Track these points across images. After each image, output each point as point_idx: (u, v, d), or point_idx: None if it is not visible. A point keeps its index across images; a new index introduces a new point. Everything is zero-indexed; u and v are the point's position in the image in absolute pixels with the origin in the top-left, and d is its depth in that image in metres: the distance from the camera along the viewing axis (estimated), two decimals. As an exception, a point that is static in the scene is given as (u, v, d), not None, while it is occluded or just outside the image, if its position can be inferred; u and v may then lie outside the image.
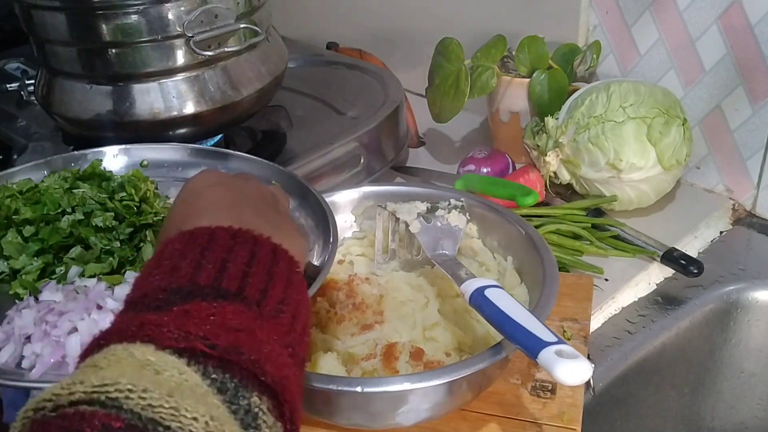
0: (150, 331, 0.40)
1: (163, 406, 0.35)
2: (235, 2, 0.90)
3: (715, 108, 1.03)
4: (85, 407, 0.35)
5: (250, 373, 0.41)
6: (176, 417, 0.35)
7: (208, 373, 0.39)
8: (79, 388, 0.36)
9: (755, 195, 1.05)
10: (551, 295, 0.69)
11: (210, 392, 0.39)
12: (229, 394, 0.39)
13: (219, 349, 0.40)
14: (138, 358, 0.38)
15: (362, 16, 1.41)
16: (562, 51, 1.11)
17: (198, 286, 0.44)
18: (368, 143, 1.03)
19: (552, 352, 0.56)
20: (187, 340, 0.40)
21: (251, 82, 0.96)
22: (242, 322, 0.42)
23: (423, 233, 0.80)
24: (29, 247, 0.71)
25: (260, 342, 0.42)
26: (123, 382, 0.36)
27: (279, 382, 0.42)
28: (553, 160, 1.01)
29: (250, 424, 0.39)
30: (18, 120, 1.10)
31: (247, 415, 0.39)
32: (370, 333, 0.73)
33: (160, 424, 0.35)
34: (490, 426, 0.71)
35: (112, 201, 0.75)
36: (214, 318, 0.42)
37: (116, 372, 0.37)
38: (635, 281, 0.93)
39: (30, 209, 0.73)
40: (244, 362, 0.40)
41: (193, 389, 0.38)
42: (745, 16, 0.96)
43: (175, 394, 0.36)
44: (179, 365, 0.39)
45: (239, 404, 0.39)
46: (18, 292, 0.70)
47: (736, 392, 0.98)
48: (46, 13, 0.88)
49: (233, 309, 0.43)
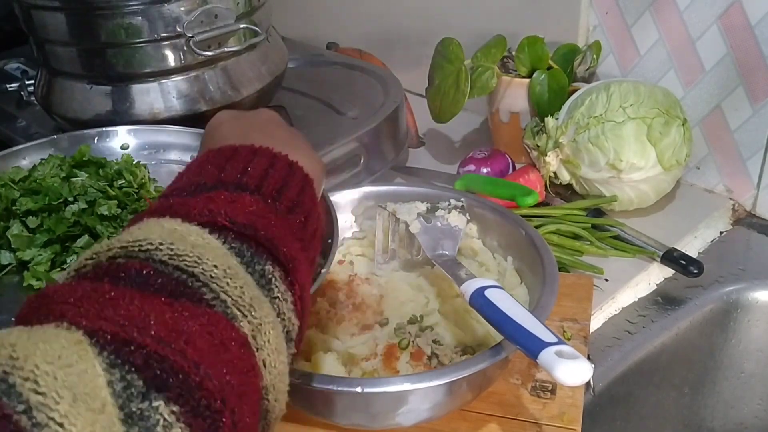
0: (177, 209, 0.45)
1: (188, 255, 0.40)
2: (235, 2, 0.90)
3: (715, 108, 1.03)
4: (121, 260, 0.40)
5: (264, 249, 0.45)
6: (199, 264, 0.40)
7: (228, 241, 0.44)
8: (116, 245, 0.40)
9: (755, 195, 1.05)
10: (551, 296, 0.69)
11: (229, 254, 0.43)
12: (245, 258, 0.43)
13: (238, 225, 0.44)
14: (167, 227, 0.43)
15: (362, 16, 1.41)
16: (562, 51, 1.11)
17: (221, 181, 0.48)
18: (368, 143, 1.03)
19: (552, 353, 0.56)
20: (210, 215, 0.44)
21: (251, 82, 0.96)
22: (259, 210, 0.46)
23: (423, 233, 0.80)
24: (37, 239, 0.71)
25: (274, 226, 0.46)
26: (153, 238, 0.41)
27: (290, 260, 0.46)
28: (553, 160, 1.01)
29: (263, 286, 0.43)
30: (18, 120, 1.10)
31: (262, 278, 0.44)
32: (370, 333, 0.73)
33: (184, 270, 0.40)
34: (490, 426, 0.71)
35: (112, 188, 0.75)
36: (234, 203, 0.46)
37: (148, 233, 0.41)
38: (635, 281, 0.93)
39: (30, 199, 0.72)
40: (260, 238, 0.44)
41: (214, 249, 0.42)
42: (745, 16, 0.96)
43: (199, 248, 0.41)
44: (202, 233, 0.43)
45: (254, 268, 0.44)
46: (32, 284, 0.70)
47: (736, 392, 0.98)
48: (46, 13, 0.88)
49: (252, 199, 0.47)
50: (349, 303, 0.76)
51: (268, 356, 0.41)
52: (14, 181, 0.76)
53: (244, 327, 0.40)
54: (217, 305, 0.39)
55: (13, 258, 0.72)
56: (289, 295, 0.45)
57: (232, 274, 0.41)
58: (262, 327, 0.41)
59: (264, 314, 0.42)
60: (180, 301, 0.38)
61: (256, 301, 0.42)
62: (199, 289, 0.39)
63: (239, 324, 0.40)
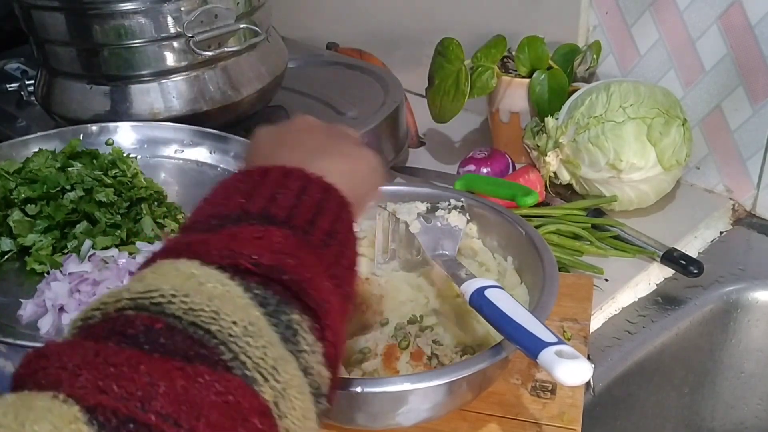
0: (196, 248, 0.41)
1: (203, 309, 0.36)
2: (235, 2, 0.90)
3: (715, 108, 1.03)
4: (130, 312, 0.36)
5: (292, 293, 0.41)
6: (216, 320, 0.36)
7: (251, 288, 0.40)
8: (125, 296, 0.37)
9: (755, 195, 1.05)
10: (551, 296, 0.69)
11: (251, 304, 0.39)
12: (270, 308, 0.39)
13: (263, 267, 0.40)
14: (182, 270, 0.39)
15: (362, 16, 1.41)
16: (562, 51, 1.11)
17: (247, 212, 0.44)
18: (368, 143, 1.02)
19: (552, 353, 0.56)
20: (232, 257, 0.40)
21: (251, 82, 0.96)
22: (288, 246, 0.42)
23: (423, 233, 0.80)
24: (38, 224, 0.73)
25: (304, 266, 0.42)
26: (166, 288, 0.37)
27: (321, 305, 0.42)
28: (553, 160, 1.01)
29: (289, 339, 0.39)
30: (18, 120, 1.10)
31: (287, 330, 0.39)
32: (370, 333, 0.73)
33: (200, 327, 0.36)
34: (490, 426, 0.71)
35: (107, 177, 0.77)
36: (260, 240, 0.42)
37: (160, 281, 0.38)
38: (635, 281, 0.93)
39: (28, 188, 0.74)
40: (286, 282, 0.41)
41: (235, 299, 0.38)
42: (745, 16, 0.96)
43: (216, 300, 0.37)
44: (222, 278, 0.39)
45: (280, 319, 0.39)
46: (34, 268, 0.72)
47: (736, 392, 0.98)
48: (45, 14, 0.88)
49: (280, 234, 0.43)
50: (349, 303, 0.76)
51: (292, 424, 0.37)
52: (8, 172, 0.77)
53: (265, 393, 0.36)
54: (236, 367, 0.36)
55: (14, 244, 0.73)
56: (318, 346, 0.41)
57: (253, 332, 0.37)
58: (287, 392, 0.37)
59: (289, 377, 0.38)
60: (194, 365, 0.34)
61: (281, 363, 0.38)
62: (217, 348, 0.36)
63: (260, 389, 0.36)
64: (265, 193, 0.45)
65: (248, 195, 0.45)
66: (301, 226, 0.44)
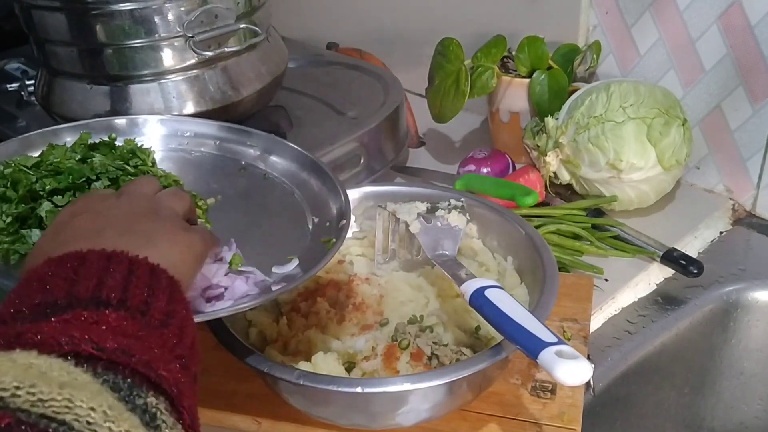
0: (29, 338, 0.37)
1: (55, 399, 0.33)
2: (235, 2, 0.90)
3: (715, 108, 1.03)
4: None
5: (142, 376, 0.38)
6: (71, 409, 0.33)
7: (99, 374, 0.36)
8: None
9: (755, 195, 1.05)
10: (551, 296, 0.69)
11: (104, 389, 0.36)
12: (123, 393, 0.36)
13: (107, 351, 0.37)
14: (20, 362, 0.35)
15: (362, 16, 1.41)
16: (562, 51, 1.11)
17: (76, 298, 0.41)
18: (368, 143, 1.03)
19: (552, 353, 0.56)
20: (71, 343, 0.37)
21: (251, 82, 0.96)
22: (128, 328, 0.40)
23: (423, 233, 0.80)
24: None
25: (149, 347, 0.40)
26: (7, 381, 0.33)
27: (174, 385, 0.39)
28: (553, 160, 1.01)
29: (149, 423, 0.36)
30: (18, 120, 1.10)
31: (145, 415, 0.36)
32: (370, 333, 0.73)
33: (53, 419, 0.32)
34: (490, 426, 0.71)
35: (129, 167, 0.77)
36: (98, 324, 0.39)
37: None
38: (635, 281, 0.93)
39: (53, 179, 0.74)
40: (135, 364, 0.38)
41: (86, 385, 0.35)
42: (745, 16, 0.96)
43: (67, 388, 0.33)
44: (66, 366, 0.36)
45: (135, 404, 0.36)
46: None
47: (736, 392, 0.98)
48: (46, 13, 0.88)
49: (117, 317, 0.40)
50: (349, 303, 0.76)
51: None
52: (27, 166, 0.77)
53: None
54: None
55: None
56: (178, 428, 0.38)
57: (114, 417, 0.34)
58: None
59: None
60: None
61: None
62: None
63: None
64: (91, 277, 0.42)
65: (72, 281, 0.42)
66: (137, 307, 0.42)
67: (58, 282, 0.42)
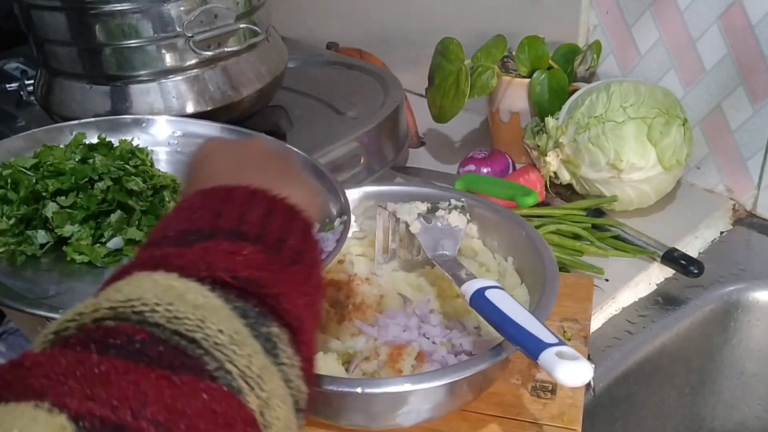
0: (173, 261, 0.40)
1: (188, 318, 0.36)
2: (235, 2, 0.90)
3: (716, 108, 1.03)
4: (109, 322, 0.35)
5: (269, 307, 0.40)
6: (201, 328, 0.36)
7: (230, 300, 0.39)
8: (104, 305, 0.36)
9: (756, 195, 1.04)
10: (552, 296, 0.69)
11: (233, 315, 0.38)
12: (250, 320, 0.39)
13: (240, 280, 0.40)
14: (161, 282, 0.38)
15: (362, 16, 1.41)
16: (562, 51, 1.11)
17: (218, 228, 0.44)
18: (368, 143, 1.03)
19: (553, 354, 0.56)
20: (210, 270, 0.40)
21: (251, 82, 0.96)
22: (261, 262, 0.42)
23: (423, 233, 0.80)
24: (76, 214, 0.73)
25: (279, 281, 0.42)
26: (148, 297, 0.36)
27: (296, 320, 0.41)
28: (554, 160, 1.01)
29: (270, 351, 0.39)
30: (18, 120, 1.10)
31: (268, 342, 0.39)
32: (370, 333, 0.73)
33: (184, 336, 0.35)
34: (490, 426, 0.71)
35: (130, 167, 0.77)
36: (235, 255, 0.42)
37: (140, 291, 0.37)
38: (635, 281, 0.93)
39: (56, 180, 0.74)
40: (263, 296, 0.40)
41: (217, 310, 0.38)
42: (746, 16, 0.96)
43: (201, 310, 0.37)
44: (202, 290, 0.39)
45: (260, 331, 0.39)
46: (74, 259, 0.72)
47: (736, 392, 0.98)
48: (45, 13, 0.88)
49: (253, 250, 0.43)
50: (349, 303, 0.76)
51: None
52: (25, 168, 0.77)
53: (251, 402, 0.36)
54: (222, 377, 0.35)
55: (50, 236, 0.74)
56: (296, 359, 0.41)
57: (239, 341, 0.37)
58: (271, 401, 0.37)
59: (273, 386, 0.38)
60: (180, 375, 0.34)
61: (265, 372, 0.38)
62: (202, 358, 0.35)
63: (246, 399, 0.36)
64: (234, 211, 0.45)
65: (217, 213, 0.45)
66: (271, 243, 0.44)
67: (204, 213, 0.45)
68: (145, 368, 0.33)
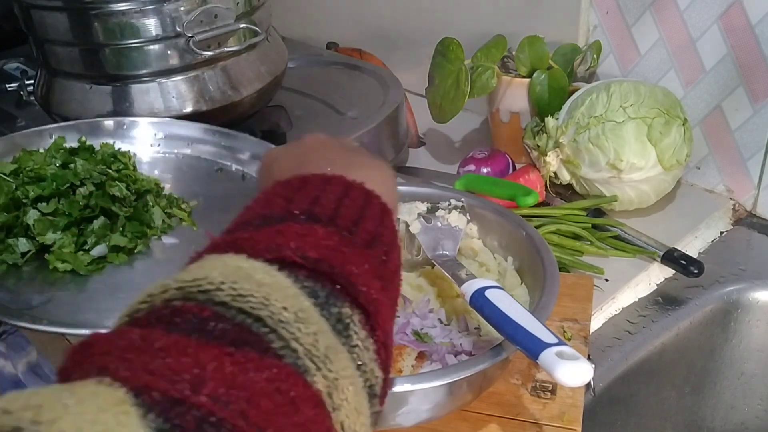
0: (242, 243, 0.40)
1: (253, 295, 0.35)
2: (235, 2, 0.90)
3: (716, 108, 1.03)
4: (177, 302, 0.35)
5: (341, 288, 0.39)
6: (266, 306, 0.35)
7: (299, 279, 0.38)
8: (172, 286, 0.36)
9: (756, 195, 1.04)
10: (552, 296, 0.69)
11: (301, 294, 0.37)
12: (320, 300, 0.38)
13: (310, 260, 0.39)
14: (229, 263, 0.38)
15: (362, 16, 1.40)
16: (562, 51, 1.11)
17: (290, 212, 0.43)
18: (368, 143, 1.03)
19: (553, 354, 0.56)
20: (278, 250, 0.39)
21: (251, 82, 0.96)
22: (334, 243, 0.41)
23: (423, 233, 0.80)
24: (58, 221, 0.72)
25: (352, 262, 0.41)
26: (214, 275, 0.36)
27: (371, 302, 0.40)
28: (554, 160, 1.01)
29: (341, 332, 0.38)
30: (18, 120, 1.10)
31: (339, 323, 0.38)
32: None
33: (248, 314, 0.35)
34: (490, 426, 0.71)
35: (112, 171, 0.76)
36: (306, 236, 0.41)
37: (207, 271, 0.37)
38: (635, 281, 0.93)
39: (37, 187, 0.73)
40: (335, 275, 0.39)
41: (284, 289, 0.37)
42: (746, 16, 0.96)
43: (266, 287, 0.36)
44: (270, 270, 0.38)
45: (330, 311, 0.38)
46: (57, 267, 0.71)
47: (736, 392, 0.98)
48: (45, 13, 0.88)
49: (325, 232, 0.42)
50: (349, 303, 0.76)
51: (346, 417, 0.36)
52: (5, 174, 0.76)
53: (318, 382, 0.35)
54: (287, 355, 0.34)
55: (31, 245, 0.72)
56: (370, 342, 0.39)
57: (305, 318, 0.36)
58: (339, 382, 0.36)
59: (341, 367, 0.36)
60: (243, 351, 0.33)
61: (332, 351, 0.36)
62: (266, 336, 0.34)
63: (312, 379, 0.34)
64: (307, 196, 0.45)
65: (290, 199, 0.45)
66: (345, 226, 0.43)
67: (278, 200, 0.45)
68: (206, 344, 0.33)
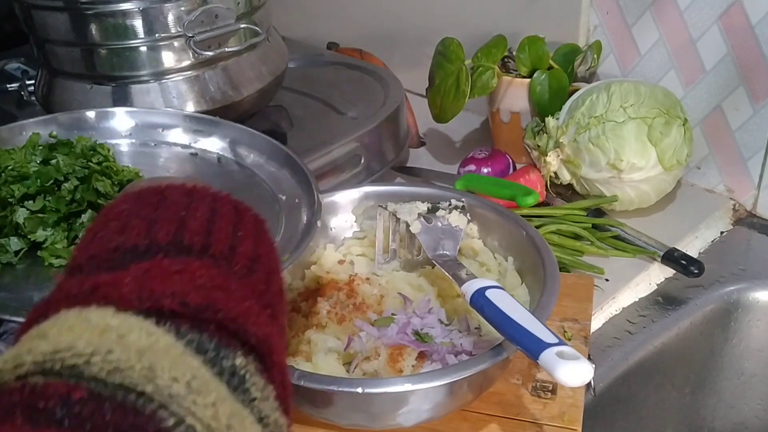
0: (106, 292, 0.34)
1: (133, 368, 0.29)
2: (236, 2, 0.90)
3: (716, 108, 1.03)
4: (37, 379, 0.28)
5: (230, 333, 0.34)
6: (151, 379, 0.29)
7: (182, 333, 0.33)
8: (28, 359, 0.29)
9: (756, 195, 1.04)
10: (552, 296, 0.69)
11: (187, 353, 0.32)
12: (209, 354, 0.33)
13: (191, 307, 0.34)
14: (95, 322, 0.31)
15: (362, 16, 1.40)
16: (562, 51, 1.11)
17: (156, 242, 0.37)
18: (368, 143, 1.03)
19: (553, 354, 0.56)
20: (153, 299, 0.33)
21: (251, 82, 0.96)
22: (213, 279, 0.36)
23: (424, 233, 0.80)
24: (48, 218, 0.72)
25: (237, 299, 0.36)
26: (81, 345, 0.30)
27: (264, 341, 0.36)
28: (554, 160, 1.01)
29: (238, 388, 0.33)
30: (18, 120, 1.10)
31: (233, 378, 0.33)
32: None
33: (131, 390, 0.29)
34: (490, 426, 0.71)
35: (93, 164, 0.76)
36: (180, 275, 0.35)
37: (71, 337, 0.30)
38: (636, 281, 0.93)
39: (21, 185, 0.73)
40: (222, 320, 0.34)
41: (168, 350, 0.32)
42: (746, 16, 0.96)
43: (147, 354, 0.30)
44: (147, 326, 0.32)
45: (222, 366, 0.33)
46: (52, 263, 0.71)
47: (736, 392, 0.98)
48: (46, 13, 0.88)
49: (200, 265, 0.37)
50: (350, 303, 0.76)
51: None
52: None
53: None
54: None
55: (22, 243, 0.72)
56: (270, 390, 0.35)
57: (199, 388, 0.30)
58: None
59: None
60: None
61: (236, 420, 0.31)
62: (156, 413, 0.28)
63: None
64: (170, 218, 0.39)
65: (151, 221, 0.38)
66: (221, 253, 0.38)
67: (137, 223, 0.38)
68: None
